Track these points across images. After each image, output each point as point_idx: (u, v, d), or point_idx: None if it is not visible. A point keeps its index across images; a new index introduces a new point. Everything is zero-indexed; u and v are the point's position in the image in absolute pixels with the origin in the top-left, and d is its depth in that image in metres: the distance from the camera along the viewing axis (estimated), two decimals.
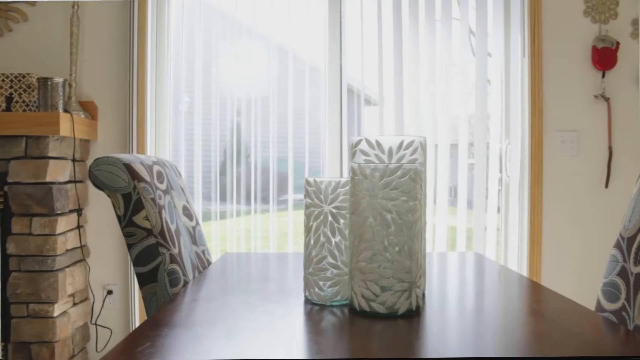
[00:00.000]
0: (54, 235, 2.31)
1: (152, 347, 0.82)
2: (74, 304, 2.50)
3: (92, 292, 2.62)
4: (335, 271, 1.04)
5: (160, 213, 1.26)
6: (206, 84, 2.76)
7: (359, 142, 1.09)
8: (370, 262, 0.95)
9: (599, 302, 1.09)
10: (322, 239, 1.04)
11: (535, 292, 1.17)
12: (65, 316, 2.40)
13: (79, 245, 2.50)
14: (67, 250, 2.43)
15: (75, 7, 2.54)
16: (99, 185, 1.22)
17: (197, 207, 2.74)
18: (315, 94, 2.78)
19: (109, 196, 1.24)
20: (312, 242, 1.05)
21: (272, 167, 2.76)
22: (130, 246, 1.23)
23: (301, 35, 2.77)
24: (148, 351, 0.79)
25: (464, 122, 2.74)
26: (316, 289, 1.04)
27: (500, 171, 2.77)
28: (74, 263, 2.49)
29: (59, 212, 2.35)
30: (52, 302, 2.31)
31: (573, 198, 2.70)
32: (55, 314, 2.31)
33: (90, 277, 2.61)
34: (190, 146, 2.75)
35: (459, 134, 2.74)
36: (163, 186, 1.36)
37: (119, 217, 1.23)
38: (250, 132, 2.76)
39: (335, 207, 1.03)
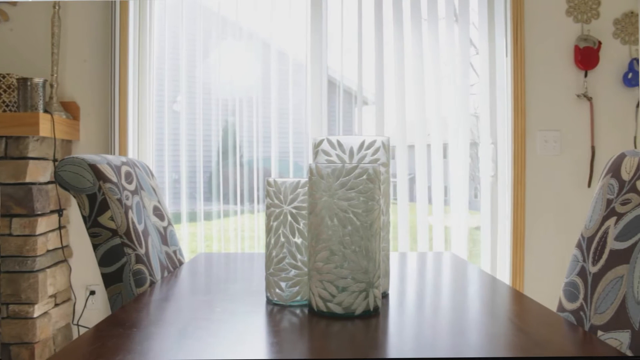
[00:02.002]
0: (34, 235, 2.31)
1: (103, 347, 0.81)
2: (56, 305, 2.49)
3: (74, 293, 2.61)
4: (295, 271, 1.04)
5: (126, 213, 1.26)
6: (190, 83, 2.75)
7: (320, 142, 1.09)
8: (327, 263, 0.95)
9: (560, 302, 1.09)
10: (282, 239, 1.04)
11: (500, 293, 1.17)
12: (46, 317, 2.39)
13: (60, 245, 2.50)
14: (48, 251, 2.42)
15: (57, 8, 2.53)
16: (64, 186, 1.22)
17: (182, 208, 2.74)
18: (300, 91, 2.78)
19: (74, 197, 1.23)
20: (272, 242, 1.05)
21: (257, 167, 2.75)
22: (95, 246, 1.22)
23: (285, 32, 2.76)
24: (97, 351, 0.79)
25: (447, 122, 2.74)
26: (277, 290, 1.04)
27: (483, 171, 2.77)
28: (56, 264, 2.49)
29: (39, 212, 2.34)
30: (32, 303, 2.30)
31: (556, 197, 2.71)
32: (35, 315, 2.31)
33: (73, 277, 2.61)
34: (175, 145, 2.75)
35: (442, 134, 2.74)
36: (131, 186, 1.36)
37: (84, 217, 1.22)
38: (235, 131, 2.76)
39: (294, 208, 1.03)
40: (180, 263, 1.54)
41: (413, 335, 0.89)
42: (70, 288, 2.60)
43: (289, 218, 1.03)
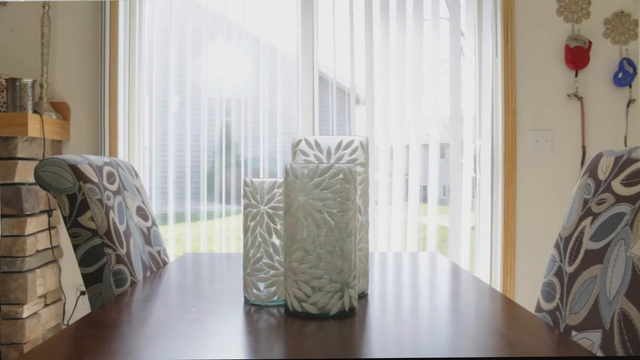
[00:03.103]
0: (23, 236, 2.30)
1: (72, 348, 0.81)
2: (46, 305, 2.49)
3: (64, 293, 2.61)
4: (272, 272, 1.04)
5: (107, 214, 1.26)
6: (180, 83, 2.75)
7: (298, 142, 1.09)
8: (301, 263, 0.95)
9: (538, 302, 1.09)
10: (259, 239, 1.04)
11: (480, 293, 1.17)
12: (36, 317, 2.39)
13: (50, 246, 2.50)
14: (38, 251, 2.42)
15: (46, 8, 2.53)
16: (43, 186, 1.21)
17: (170, 208, 2.74)
18: (291, 89, 2.77)
19: (54, 197, 1.23)
20: (249, 242, 1.05)
21: (243, 166, 2.75)
22: (75, 247, 1.22)
23: (276, 29, 2.76)
24: (66, 352, 0.79)
25: (437, 121, 2.74)
26: (254, 290, 1.04)
27: (475, 171, 2.78)
28: (46, 264, 2.49)
29: (28, 212, 2.34)
30: (21, 304, 2.30)
31: (547, 197, 2.71)
32: (24, 315, 2.31)
33: (63, 277, 2.60)
34: (164, 146, 2.75)
35: (432, 134, 2.74)
36: (114, 187, 1.36)
37: (64, 217, 1.22)
38: (225, 130, 2.75)
39: (271, 208, 1.03)
40: (165, 263, 1.54)
41: (386, 336, 0.89)
42: (60, 288, 2.60)
43: (266, 218, 1.03)
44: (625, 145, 2.69)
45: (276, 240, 1.03)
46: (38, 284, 2.40)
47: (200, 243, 2.78)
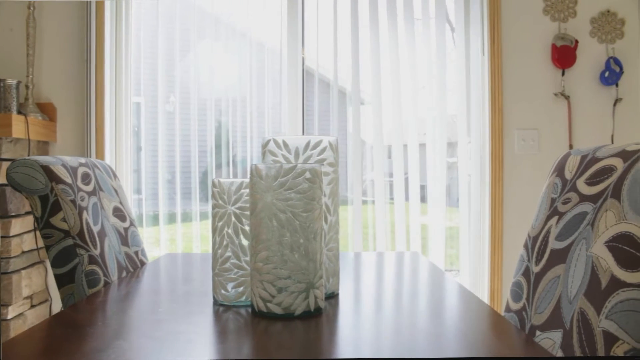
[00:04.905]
0: (8, 237, 2.30)
1: (32, 348, 0.81)
2: (32, 306, 2.49)
3: (50, 294, 2.61)
4: (239, 272, 1.04)
5: (80, 214, 1.25)
6: (169, 83, 2.75)
7: (267, 142, 1.09)
8: (266, 263, 0.95)
9: (507, 302, 1.09)
10: (226, 239, 1.04)
11: (451, 293, 1.17)
12: (21, 318, 2.39)
13: (36, 247, 2.49)
14: (24, 252, 2.41)
15: (32, 9, 2.53)
16: (15, 187, 1.21)
17: (160, 209, 2.74)
18: (280, 87, 2.78)
19: (26, 198, 1.23)
20: (217, 243, 1.05)
21: (232, 167, 2.75)
22: (47, 247, 1.22)
23: (264, 27, 2.76)
24: (25, 353, 0.79)
25: (423, 121, 2.74)
26: (222, 290, 1.04)
27: (461, 170, 2.77)
28: (32, 265, 2.48)
29: (13, 214, 2.33)
30: (6, 305, 2.30)
31: (534, 196, 2.70)
32: (9, 317, 2.30)
33: (49, 278, 2.60)
34: (154, 146, 2.75)
35: (418, 133, 2.74)
36: (89, 187, 1.36)
37: (36, 218, 1.22)
38: (214, 131, 2.75)
39: (238, 208, 1.03)
40: (143, 264, 1.54)
41: (350, 336, 0.89)
42: (46, 289, 2.60)
43: (233, 218, 1.03)
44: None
45: (243, 241, 1.03)
46: (24, 285, 2.39)
47: (193, 243, 2.77)
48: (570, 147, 2.70)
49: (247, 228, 1.03)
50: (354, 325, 0.95)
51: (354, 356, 0.78)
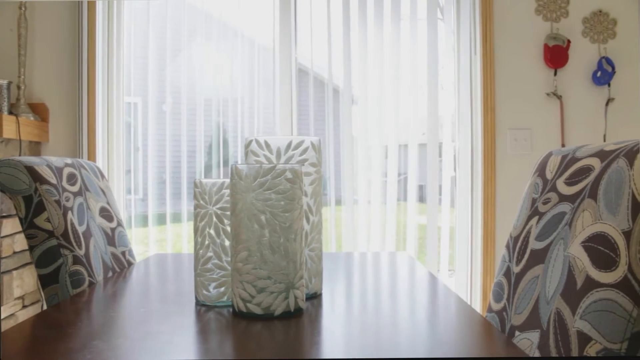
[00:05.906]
0: None
1: (10, 348, 0.81)
2: (24, 307, 2.49)
3: (43, 295, 2.60)
4: (220, 272, 1.04)
5: (65, 215, 1.25)
6: (160, 83, 2.75)
7: (249, 142, 1.09)
8: (246, 263, 0.95)
9: (489, 303, 1.09)
10: (207, 240, 1.04)
11: (435, 294, 1.17)
12: (12, 319, 2.38)
13: (28, 247, 2.49)
14: (15, 253, 2.41)
15: (23, 9, 2.53)
16: None
17: (150, 209, 2.74)
18: (272, 86, 2.78)
19: (10, 199, 1.23)
20: (199, 243, 1.05)
21: (223, 167, 2.75)
22: (31, 248, 1.22)
23: (257, 27, 2.76)
24: (3, 353, 0.79)
25: (415, 121, 2.74)
26: (204, 290, 1.04)
27: (454, 170, 2.78)
28: (23, 265, 2.48)
29: (4, 214, 2.33)
30: None
31: None
32: (1, 317, 2.30)
33: None
34: (144, 146, 2.75)
35: (410, 134, 2.74)
36: (74, 188, 1.36)
37: (20, 219, 1.22)
38: (204, 132, 2.75)
39: (219, 208, 1.03)
40: (130, 264, 1.54)
41: (329, 337, 0.89)
42: (38, 290, 2.59)
43: (214, 219, 1.03)
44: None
45: (225, 241, 1.03)
46: (15, 285, 2.39)
47: (182, 244, 2.77)
48: (563, 146, 2.70)
49: (228, 228, 1.03)
50: (335, 326, 0.95)
51: (332, 356, 0.78)
